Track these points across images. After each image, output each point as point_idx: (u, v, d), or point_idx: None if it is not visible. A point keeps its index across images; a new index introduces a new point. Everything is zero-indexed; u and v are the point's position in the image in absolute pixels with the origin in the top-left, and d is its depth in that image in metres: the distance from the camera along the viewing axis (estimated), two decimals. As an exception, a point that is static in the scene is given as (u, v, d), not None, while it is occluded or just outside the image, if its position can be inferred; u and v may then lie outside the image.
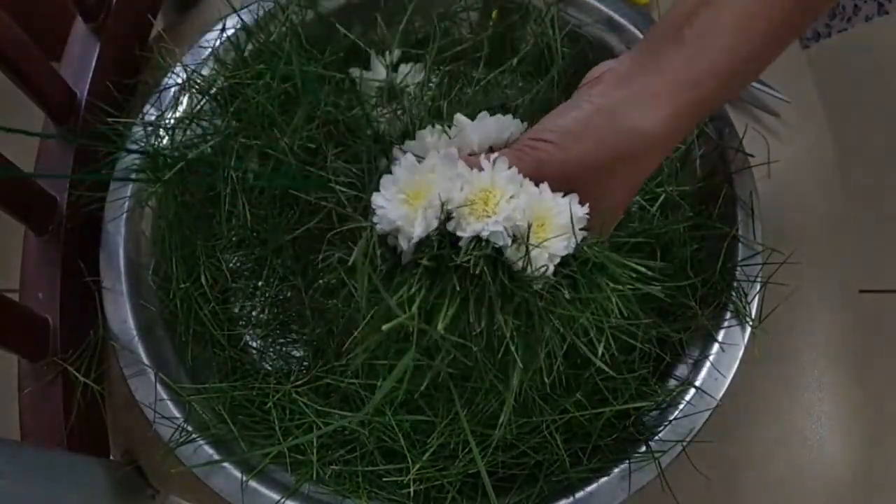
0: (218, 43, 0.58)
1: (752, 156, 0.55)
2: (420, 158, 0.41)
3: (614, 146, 0.40)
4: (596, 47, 0.58)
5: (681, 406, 0.50)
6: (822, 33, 0.78)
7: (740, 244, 0.53)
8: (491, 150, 0.44)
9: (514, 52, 0.59)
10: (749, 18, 0.39)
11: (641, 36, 0.58)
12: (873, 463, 0.57)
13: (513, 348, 0.39)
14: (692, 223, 0.55)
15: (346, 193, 0.45)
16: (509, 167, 0.40)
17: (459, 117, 0.45)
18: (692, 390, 0.50)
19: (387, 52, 0.58)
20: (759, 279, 0.52)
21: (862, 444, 0.58)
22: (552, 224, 0.40)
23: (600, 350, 0.41)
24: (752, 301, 0.52)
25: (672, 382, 0.52)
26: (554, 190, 0.40)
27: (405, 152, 0.44)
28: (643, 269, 0.42)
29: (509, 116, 0.45)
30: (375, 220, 0.41)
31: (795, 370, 0.58)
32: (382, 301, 0.39)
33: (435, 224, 0.39)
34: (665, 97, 0.40)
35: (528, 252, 0.39)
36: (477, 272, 0.38)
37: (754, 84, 0.64)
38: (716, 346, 0.51)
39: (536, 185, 0.40)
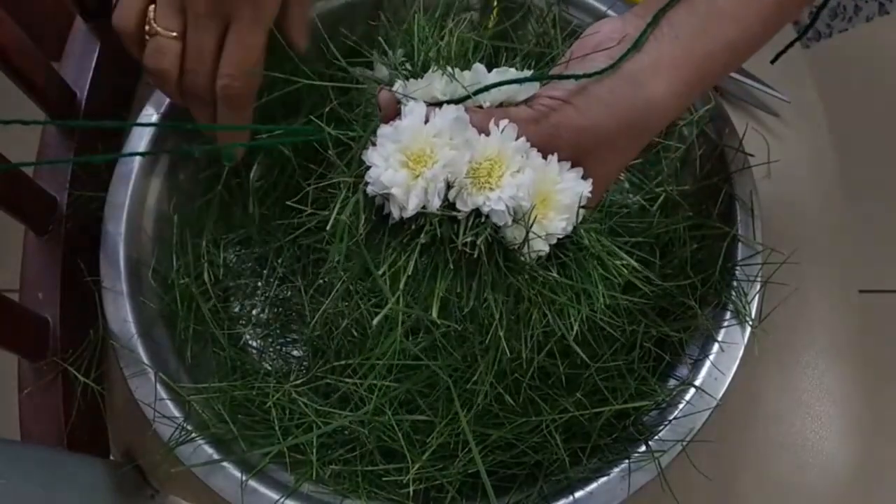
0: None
1: (752, 156, 0.55)
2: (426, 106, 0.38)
3: (632, 113, 0.39)
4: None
5: (681, 406, 0.50)
6: (822, 33, 0.78)
7: (740, 244, 0.53)
8: (501, 106, 0.42)
9: (515, 51, 0.59)
10: None
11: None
12: (873, 463, 0.57)
13: (500, 332, 0.38)
14: (692, 223, 0.55)
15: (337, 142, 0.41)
16: (517, 137, 0.38)
17: (478, 66, 0.42)
18: (692, 390, 0.50)
19: (388, 53, 0.58)
20: (759, 279, 0.52)
21: (862, 445, 0.57)
22: (555, 202, 0.38)
23: (574, 329, 0.39)
24: (752, 301, 0.51)
25: (672, 382, 0.52)
26: (561, 157, 0.39)
27: (409, 98, 0.39)
28: (630, 261, 0.41)
29: (532, 77, 0.42)
30: (367, 178, 0.37)
31: (795, 370, 0.58)
32: (369, 277, 0.37)
33: (437, 202, 0.37)
34: (681, 68, 0.39)
35: (527, 237, 0.37)
36: (475, 255, 0.37)
37: (754, 84, 0.64)
38: (716, 346, 0.51)
39: (544, 155, 0.38)
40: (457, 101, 0.40)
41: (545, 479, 0.49)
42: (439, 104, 0.39)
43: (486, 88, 0.40)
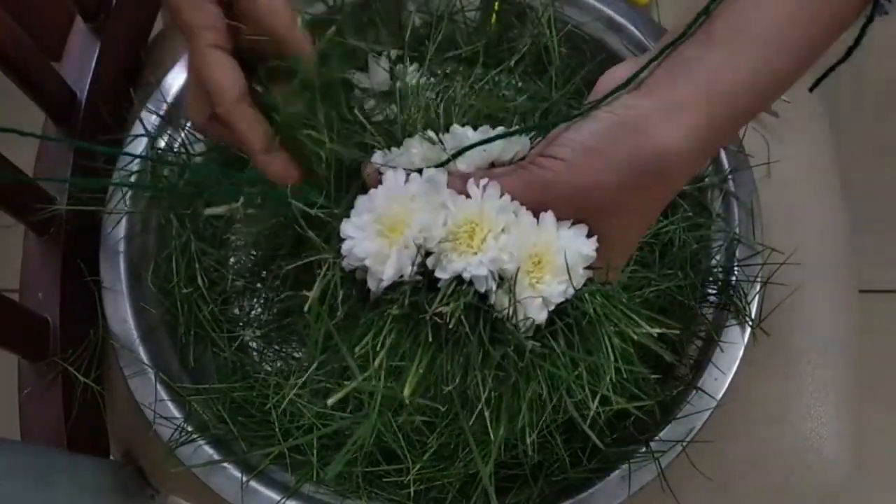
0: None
1: (751, 156, 0.55)
2: (407, 172, 0.36)
3: (638, 167, 0.34)
4: (595, 47, 0.58)
5: (681, 406, 0.50)
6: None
7: (740, 244, 0.53)
8: (492, 165, 0.39)
9: (512, 52, 0.59)
10: (788, 18, 0.33)
11: (641, 36, 0.57)
12: (873, 463, 0.57)
13: (486, 413, 0.35)
14: (692, 223, 0.55)
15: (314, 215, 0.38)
16: (502, 194, 0.35)
17: (456, 129, 0.39)
18: (692, 390, 0.50)
19: (384, 54, 0.58)
20: (759, 279, 0.52)
21: (862, 445, 0.57)
22: (550, 263, 0.34)
23: (590, 415, 0.36)
24: (752, 301, 0.51)
25: (672, 382, 0.52)
26: (560, 218, 0.35)
27: (388, 166, 0.38)
28: (648, 328, 0.37)
29: (514, 131, 0.39)
30: (343, 251, 0.35)
31: (795, 370, 0.58)
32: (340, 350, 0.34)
33: (410, 269, 0.34)
34: (698, 107, 0.34)
35: (512, 303, 0.34)
36: (451, 326, 0.33)
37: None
38: (716, 346, 0.51)
39: (536, 214, 0.35)
40: (438, 166, 0.38)
41: (545, 479, 0.49)
42: (420, 171, 0.37)
43: (467, 149, 0.38)
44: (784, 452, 0.56)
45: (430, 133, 0.39)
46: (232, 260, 0.58)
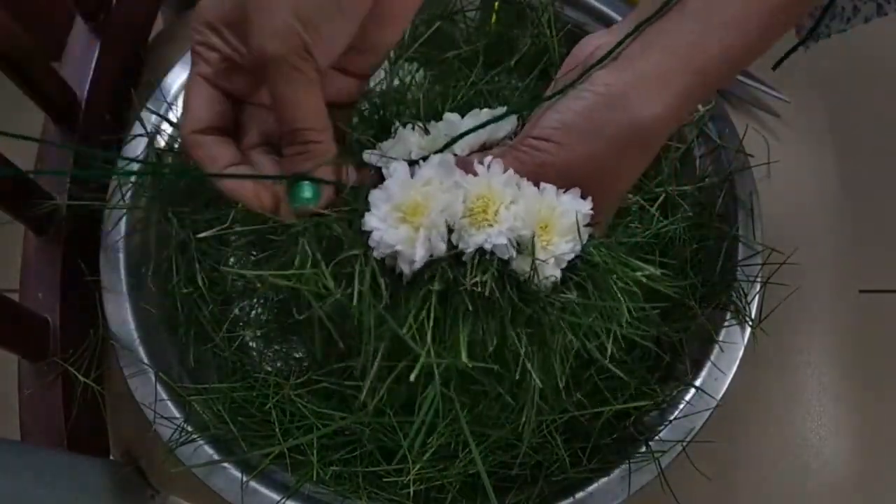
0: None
1: (751, 156, 0.55)
2: (404, 164, 0.39)
3: (624, 140, 0.37)
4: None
5: (681, 406, 0.50)
6: (821, 34, 0.78)
7: (740, 244, 0.53)
8: (484, 147, 0.42)
9: (512, 52, 0.59)
10: None
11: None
12: (873, 463, 0.57)
13: (529, 365, 0.38)
14: (692, 223, 0.55)
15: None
16: (504, 170, 0.38)
17: (450, 116, 0.42)
18: (692, 390, 0.50)
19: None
20: (759, 279, 0.52)
21: (862, 445, 0.58)
22: (556, 225, 0.38)
23: (609, 353, 0.39)
24: (752, 301, 0.51)
25: (672, 382, 0.52)
26: (559, 187, 0.38)
27: (388, 157, 0.40)
28: (651, 269, 0.40)
29: (502, 111, 0.42)
30: (371, 244, 0.37)
31: (795, 370, 0.58)
32: (387, 327, 0.36)
33: (442, 247, 0.37)
34: (674, 78, 0.36)
35: (534, 263, 0.37)
36: (486, 293, 0.37)
37: (755, 84, 0.64)
38: (716, 346, 0.51)
39: (536, 185, 0.38)
40: (439, 151, 0.40)
41: (545, 479, 0.49)
42: (416, 161, 0.40)
43: (465, 134, 0.41)
44: (784, 452, 0.56)
45: (419, 127, 0.42)
46: (232, 260, 0.57)
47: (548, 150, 0.38)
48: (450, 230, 0.38)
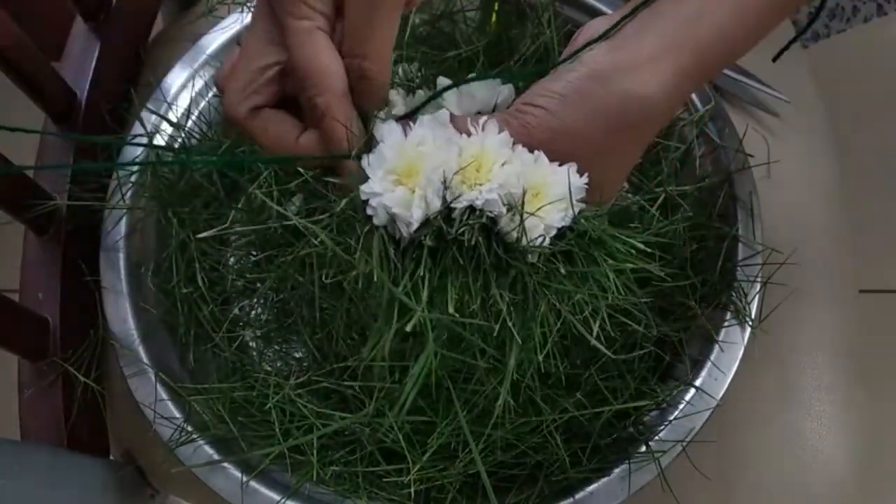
0: (217, 44, 0.58)
1: (751, 156, 0.55)
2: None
3: (609, 115, 0.37)
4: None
5: (681, 406, 0.50)
6: (821, 34, 0.78)
7: (740, 244, 0.53)
8: (479, 114, 0.41)
9: (512, 52, 0.59)
10: None
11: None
12: (873, 463, 0.57)
13: (510, 323, 0.38)
14: (692, 223, 0.55)
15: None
16: (499, 132, 0.38)
17: (442, 79, 0.42)
18: (692, 390, 0.50)
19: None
20: (759, 279, 0.52)
21: (862, 444, 0.57)
22: (548, 194, 0.37)
23: (595, 329, 0.39)
24: (752, 301, 0.51)
25: (672, 382, 0.52)
26: (549, 160, 0.38)
27: (377, 118, 0.39)
28: (641, 245, 0.40)
29: (498, 81, 0.42)
30: (370, 212, 0.37)
31: (795, 370, 0.58)
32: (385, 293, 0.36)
33: (438, 204, 0.37)
34: (666, 60, 0.37)
35: (522, 221, 0.37)
36: (472, 243, 0.36)
37: (754, 84, 0.64)
38: (716, 346, 0.51)
39: (531, 152, 0.38)
40: (425, 103, 0.40)
41: (545, 479, 0.49)
42: (406, 116, 0.39)
43: (447, 89, 0.41)
44: (784, 452, 0.56)
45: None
46: (232, 260, 0.58)
47: (532, 113, 0.38)
48: (445, 186, 0.37)
